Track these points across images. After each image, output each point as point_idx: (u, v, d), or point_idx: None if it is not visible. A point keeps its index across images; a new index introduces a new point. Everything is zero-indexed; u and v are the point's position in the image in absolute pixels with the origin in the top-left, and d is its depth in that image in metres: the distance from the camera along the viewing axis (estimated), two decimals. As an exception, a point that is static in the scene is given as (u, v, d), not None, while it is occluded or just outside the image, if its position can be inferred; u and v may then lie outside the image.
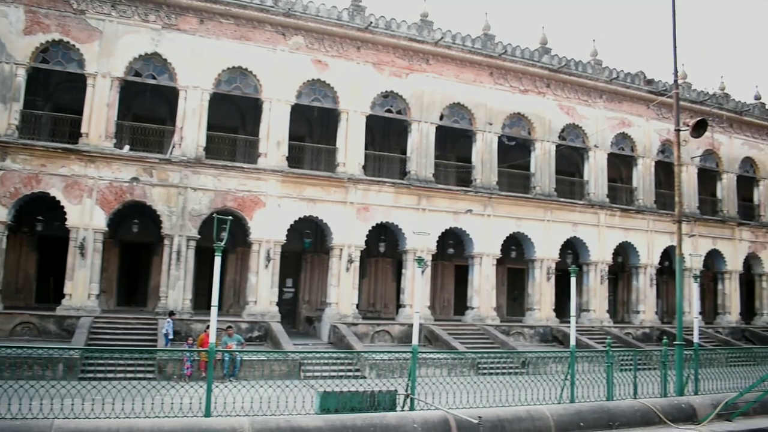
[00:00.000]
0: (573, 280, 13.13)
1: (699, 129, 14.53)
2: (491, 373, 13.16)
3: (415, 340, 11.58)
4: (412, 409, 11.01)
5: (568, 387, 12.41)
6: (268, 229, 21.48)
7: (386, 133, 27.06)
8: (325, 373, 17.49)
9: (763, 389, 12.47)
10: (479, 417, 10.24)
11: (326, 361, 18.06)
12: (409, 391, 11.14)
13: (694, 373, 14.32)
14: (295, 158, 22.85)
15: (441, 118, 24.57)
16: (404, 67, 24.05)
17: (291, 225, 21.91)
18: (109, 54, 20.21)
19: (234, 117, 24.81)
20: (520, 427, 10.69)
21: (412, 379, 11.22)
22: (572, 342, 12.98)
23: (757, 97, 33.48)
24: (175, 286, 20.31)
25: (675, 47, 14.50)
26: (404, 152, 24.66)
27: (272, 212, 21.59)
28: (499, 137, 25.50)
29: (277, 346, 19.21)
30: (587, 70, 27.63)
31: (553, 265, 25.76)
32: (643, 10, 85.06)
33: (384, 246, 26.33)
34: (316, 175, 22.63)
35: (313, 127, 26.00)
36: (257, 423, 9.38)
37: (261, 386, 10.50)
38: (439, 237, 24.14)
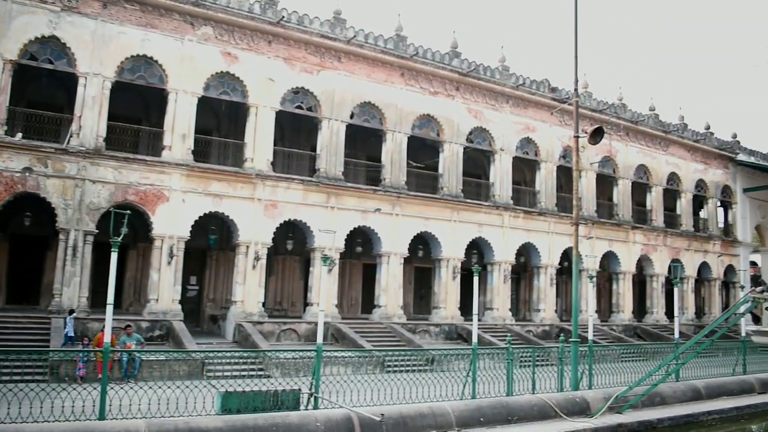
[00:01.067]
0: (476, 279, 13.44)
1: (596, 136, 15.20)
2: (397, 371, 13.28)
3: (319, 339, 11.51)
4: (316, 407, 10.94)
5: (470, 383, 12.69)
6: (171, 225, 20.76)
7: (296, 130, 26.82)
8: (229, 373, 17.05)
9: (650, 383, 13.15)
10: (382, 414, 10.31)
11: (230, 361, 17.64)
12: (313, 390, 11.06)
13: (588, 368, 14.97)
14: (201, 152, 22.21)
15: (352, 116, 24.56)
16: (316, 64, 23.88)
17: (196, 221, 21.27)
18: (1, 35, 18.95)
19: (138, 107, 23.84)
20: (422, 423, 10.84)
21: (316, 378, 11.15)
22: (474, 340, 13.29)
23: (652, 109, 35.40)
24: (70, 283, 19.27)
25: (576, 58, 15.12)
26: (314, 149, 24.48)
27: (176, 207, 20.88)
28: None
29: (180, 345, 18.62)
30: (495, 75, 28.37)
31: (459, 265, 26.30)
32: (552, 21, 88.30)
33: (292, 244, 26.07)
34: (223, 170, 22.07)
35: (221, 121, 25.40)
36: (154, 425, 9.07)
37: (160, 387, 10.15)
38: (348, 235, 24.14)
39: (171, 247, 20.69)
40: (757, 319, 10.05)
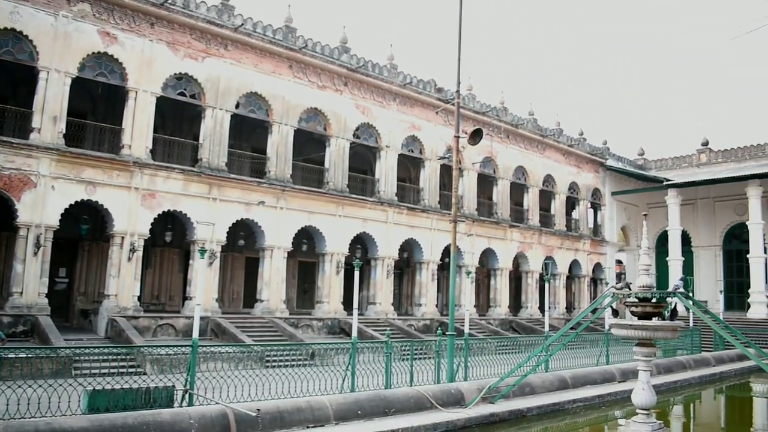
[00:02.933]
0: (356, 274, 13.54)
1: (475, 137, 15.69)
2: (278, 366, 13.13)
3: (195, 333, 11.19)
4: (190, 404, 10.63)
5: (349, 377, 12.78)
6: (38, 213, 19.38)
7: (178, 118, 25.88)
8: (99, 371, 16.18)
9: (521, 374, 13.75)
10: (258, 409, 10.16)
11: (100, 358, 16.70)
12: (187, 387, 10.73)
13: (464, 361, 15.47)
14: (74, 136, 20.86)
15: (237, 106, 23.99)
16: (201, 50, 23.12)
17: (66, 209, 19.95)
18: None
19: (4, 86, 22.15)
20: (299, 418, 10.79)
21: (191, 374, 10.83)
22: (354, 334, 13.41)
23: (531, 113, 37.07)
24: None
25: (459, 60, 15.51)
26: (197, 139, 23.66)
27: (44, 194, 19.51)
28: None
29: (46, 341, 17.48)
30: (383, 73, 28.67)
31: (343, 259, 26.39)
32: (442, 23, 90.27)
33: (171, 235, 25.20)
34: (98, 157, 20.86)
35: (97, 105, 24.06)
36: (12, 427, 8.48)
37: (20, 386, 9.47)
38: (231, 228, 23.57)
39: (38, 236, 19.34)
40: (616, 313, 10.81)
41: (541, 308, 34.75)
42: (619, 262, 41.57)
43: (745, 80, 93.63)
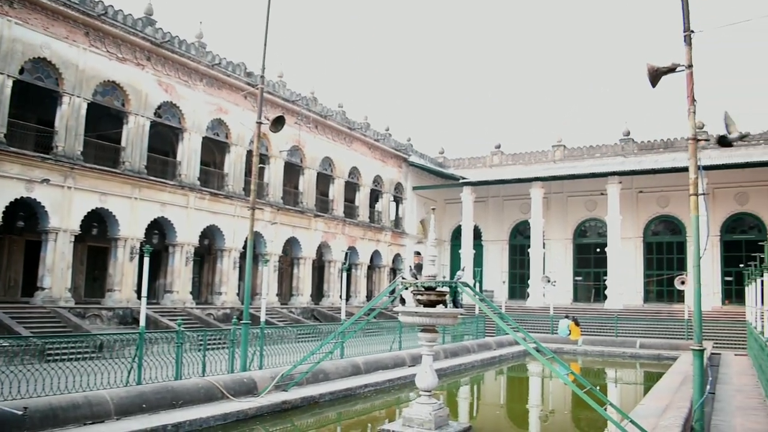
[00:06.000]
0: (147, 261, 12.90)
1: (277, 125, 15.54)
2: (61, 360, 12.02)
3: (-48, 324, 9.91)
4: (-59, 404, 9.40)
5: (135, 369, 12.11)
6: None
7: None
8: None
9: (313, 361, 13.92)
10: (25, 408, 9.26)
11: None
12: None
13: (260, 350, 15.34)
14: None
15: (21, 71, 21.59)
16: (-22, 6, 20.53)
17: None
18: None
19: None
20: (76, 414, 10.01)
21: (-57, 370, 9.59)
22: (142, 323, 12.77)
23: (341, 105, 37.64)
24: None
25: (265, 44, 15.27)
26: (-33, 105, 21.00)
27: None
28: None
29: None
30: (191, 50, 27.46)
31: (138, 245, 24.89)
32: (257, 6, 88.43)
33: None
34: None
35: None
36: None
37: None
38: (8, 207, 21.14)
39: None
40: (403, 301, 11.42)
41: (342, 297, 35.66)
42: (417, 253, 43.75)
43: (534, 90, 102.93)
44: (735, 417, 11.60)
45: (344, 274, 21.28)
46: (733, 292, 37.50)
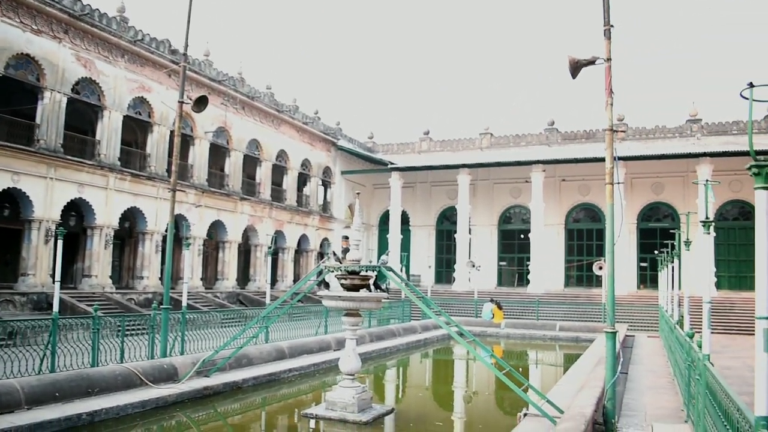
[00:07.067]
0: (60, 243, 12.38)
1: (200, 105, 15.14)
2: (-34, 349, 11.44)
3: None
4: None
5: (49, 356, 11.63)
6: None
7: None
8: None
9: (237, 346, 13.72)
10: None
11: None
12: None
13: (181, 335, 15.01)
14: None
15: None
16: None
17: None
18: None
19: None
20: (-20, 405, 9.53)
21: None
22: (55, 308, 12.30)
23: (269, 87, 37.05)
24: None
25: (189, 19, 14.79)
26: None
27: None
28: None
29: None
30: (112, 25, 26.33)
31: (54, 227, 23.79)
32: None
33: None
34: None
35: None
36: None
37: None
38: None
39: None
40: (328, 286, 11.41)
41: (271, 281, 35.32)
42: (345, 237, 43.68)
43: (464, 78, 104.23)
44: (645, 395, 12.17)
45: (270, 258, 21.05)
46: (648, 277, 39.27)
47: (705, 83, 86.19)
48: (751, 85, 3.63)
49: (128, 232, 30.17)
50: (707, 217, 8.33)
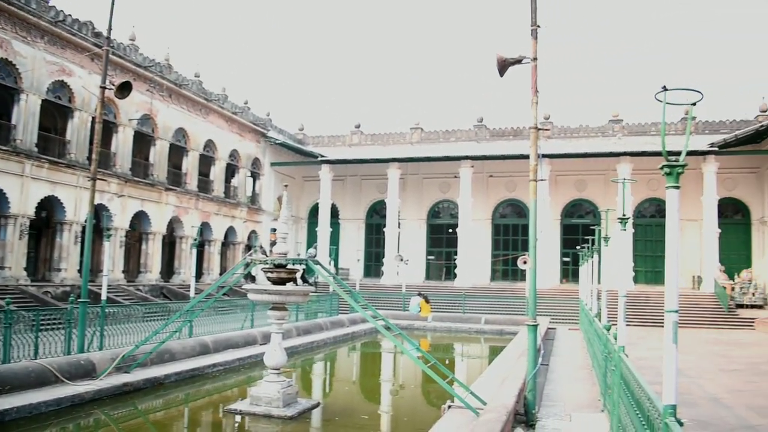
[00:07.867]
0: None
1: (123, 90, 14.60)
2: None
3: None
4: None
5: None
6: None
7: None
8: None
9: (158, 341, 13.35)
10: None
11: None
12: None
13: (100, 329, 14.49)
14: None
15: None
16: None
17: None
18: None
19: None
20: None
21: None
22: (-38, 301, 11.60)
23: (197, 75, 36.17)
24: None
25: (113, 4, 14.25)
26: None
27: None
28: None
29: None
30: (31, 4, 25.12)
31: (-37, 216, 22.63)
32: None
33: None
34: None
35: None
36: None
37: None
38: None
39: None
40: (253, 279, 11.24)
41: (197, 274, 34.58)
42: (274, 230, 43.22)
43: (395, 72, 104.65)
44: (564, 386, 12.56)
45: (195, 251, 20.60)
46: (571, 271, 40.54)
47: (628, 85, 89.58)
48: (665, 89, 3.77)
49: (45, 222, 28.90)
50: (624, 214, 8.63)
